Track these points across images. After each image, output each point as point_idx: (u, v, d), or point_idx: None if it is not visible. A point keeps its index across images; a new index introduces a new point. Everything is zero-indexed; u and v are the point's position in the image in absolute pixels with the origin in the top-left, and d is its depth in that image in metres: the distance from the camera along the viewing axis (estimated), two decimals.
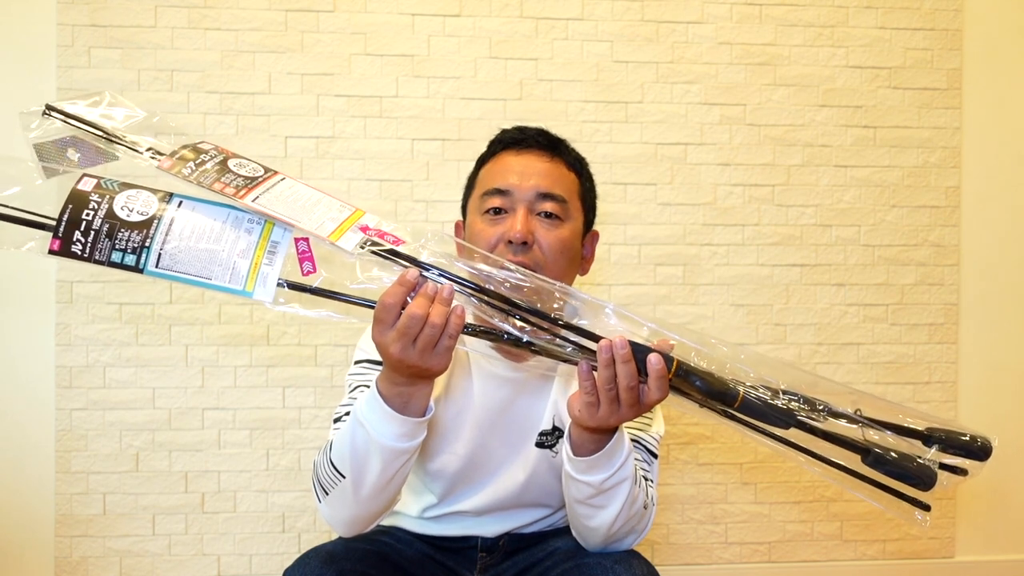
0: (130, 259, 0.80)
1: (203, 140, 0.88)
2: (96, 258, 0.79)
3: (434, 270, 0.84)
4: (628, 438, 0.97)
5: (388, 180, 1.98)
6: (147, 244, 0.80)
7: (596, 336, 0.86)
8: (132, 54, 1.92)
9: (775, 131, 2.06)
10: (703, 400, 0.86)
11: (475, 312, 0.87)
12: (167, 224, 0.81)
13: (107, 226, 0.79)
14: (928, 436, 0.90)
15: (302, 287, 0.83)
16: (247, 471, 1.95)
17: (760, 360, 0.88)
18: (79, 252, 0.79)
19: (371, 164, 1.97)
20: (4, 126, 1.49)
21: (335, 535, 1.07)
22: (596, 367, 0.86)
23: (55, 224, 0.79)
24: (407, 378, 0.87)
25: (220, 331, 1.94)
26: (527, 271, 0.88)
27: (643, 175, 2.03)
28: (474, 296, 0.86)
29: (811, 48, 2.06)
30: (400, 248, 0.84)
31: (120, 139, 0.85)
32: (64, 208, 0.79)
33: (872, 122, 2.08)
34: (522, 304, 0.86)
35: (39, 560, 1.92)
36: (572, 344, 0.87)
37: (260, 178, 0.85)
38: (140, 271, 0.80)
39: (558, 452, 1.10)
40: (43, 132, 0.84)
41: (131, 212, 0.80)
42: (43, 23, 1.90)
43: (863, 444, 0.87)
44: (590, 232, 1.18)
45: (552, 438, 1.12)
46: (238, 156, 0.87)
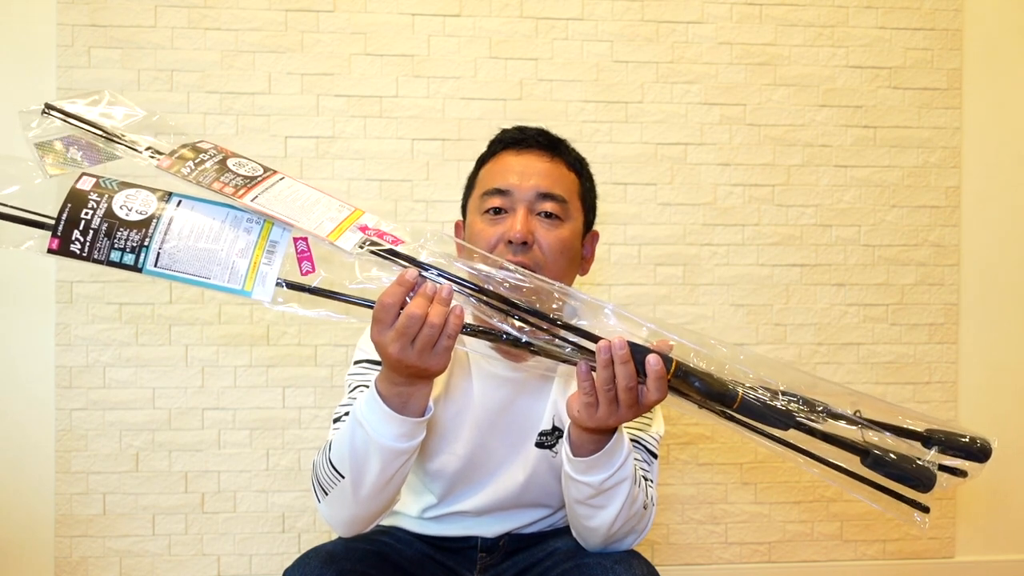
0: (129, 258, 0.80)
1: (202, 139, 0.88)
2: (95, 257, 0.79)
3: (433, 270, 0.84)
4: (627, 438, 0.97)
5: (388, 180, 1.98)
6: (146, 243, 0.80)
7: (595, 336, 0.86)
8: (132, 54, 1.92)
9: (775, 131, 2.06)
10: (702, 401, 0.86)
11: (474, 312, 0.87)
12: (166, 223, 0.81)
13: (106, 225, 0.79)
14: (927, 437, 0.90)
15: (301, 287, 0.83)
16: (247, 471, 1.95)
17: (759, 361, 0.88)
18: (78, 251, 0.79)
19: (371, 164, 1.97)
20: (4, 126, 1.49)
21: (335, 535, 1.07)
22: (595, 368, 0.86)
23: (54, 223, 0.79)
24: (406, 378, 0.87)
25: (220, 331, 1.94)
26: (526, 271, 0.88)
27: (643, 175, 2.03)
28: (473, 296, 0.86)
29: (811, 48, 2.06)
30: (399, 248, 0.84)
31: (119, 138, 0.85)
32: (63, 207, 0.79)
33: (872, 122, 2.08)
34: (521, 304, 0.86)
35: (39, 560, 1.92)
36: (571, 344, 0.87)
37: (259, 177, 0.85)
38: (139, 270, 0.80)
39: (558, 452, 1.10)
40: (43, 131, 0.84)
41: (130, 211, 0.80)
42: (43, 23, 1.90)
43: (862, 445, 0.87)
44: (590, 232, 1.18)
45: (552, 438, 1.12)
46: (237, 155, 0.87)
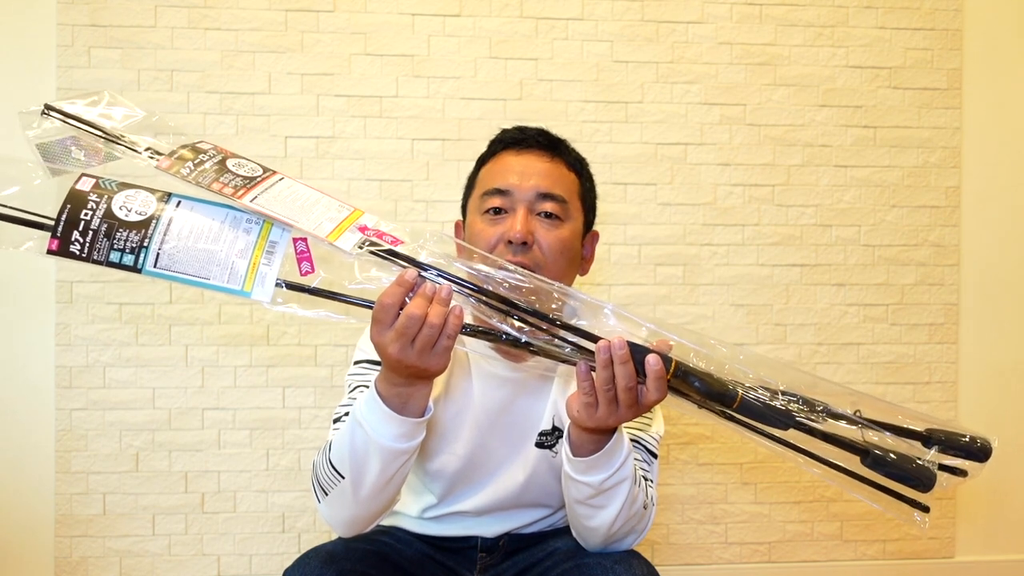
0: (128, 259, 0.80)
1: (202, 140, 0.88)
2: (94, 258, 0.79)
3: (432, 270, 0.84)
4: (627, 438, 0.97)
5: (388, 180, 1.98)
6: (145, 244, 0.80)
7: (595, 336, 0.86)
8: (132, 54, 1.92)
9: (775, 131, 2.06)
10: (702, 401, 0.86)
11: (474, 312, 0.87)
12: (165, 224, 0.81)
13: (105, 226, 0.79)
14: (927, 437, 0.90)
15: (300, 287, 0.83)
16: (247, 471, 1.95)
17: (759, 361, 0.88)
18: (77, 252, 0.79)
19: (371, 164, 1.97)
20: (4, 126, 1.49)
21: (335, 535, 1.07)
22: (594, 367, 0.86)
23: (53, 224, 0.79)
24: (406, 378, 0.87)
25: (220, 331, 1.94)
26: (526, 271, 0.88)
27: (643, 175, 2.03)
28: (473, 296, 0.86)
29: (811, 48, 2.06)
30: (399, 248, 0.84)
31: (119, 139, 0.85)
32: (62, 208, 0.79)
33: (872, 122, 2.08)
34: (521, 304, 0.86)
35: (39, 560, 1.92)
36: (571, 344, 0.87)
37: (259, 178, 0.85)
38: (138, 271, 0.80)
39: (558, 452, 1.10)
40: (43, 132, 0.84)
41: (129, 212, 0.80)
42: (43, 23, 1.90)
43: (862, 445, 0.86)
44: (590, 232, 1.18)
45: (552, 438, 1.11)
46: (237, 156, 0.87)
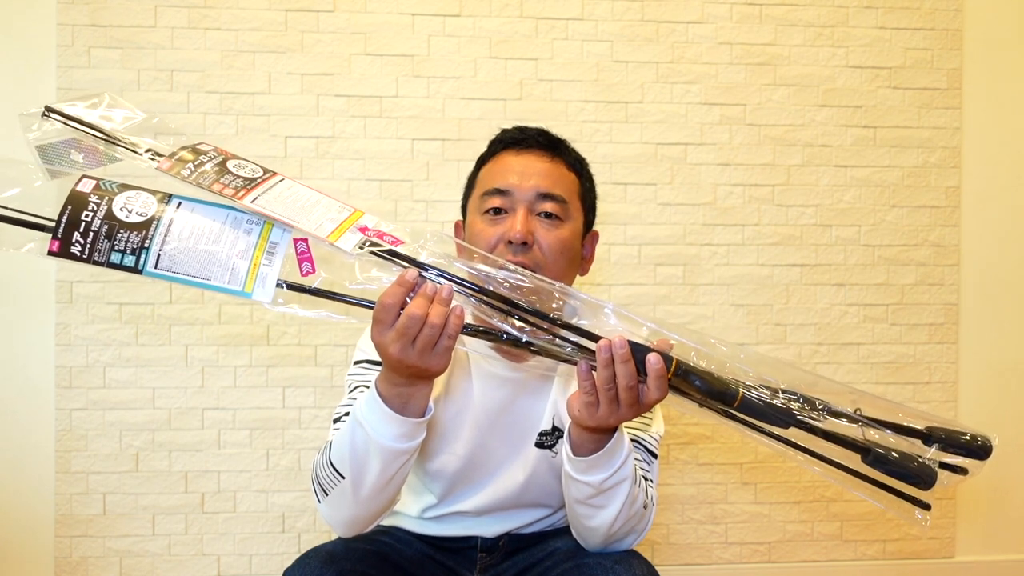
0: (129, 260, 0.80)
1: (202, 141, 0.88)
2: (95, 259, 0.79)
3: (433, 270, 0.84)
4: (628, 438, 0.97)
5: (388, 180, 1.98)
6: (146, 245, 0.80)
7: (595, 336, 0.86)
8: (132, 54, 1.92)
9: (775, 131, 2.06)
10: (702, 400, 0.86)
11: (474, 312, 0.87)
12: (166, 225, 0.81)
13: (106, 227, 0.79)
14: (928, 435, 0.90)
15: (301, 288, 0.83)
16: (247, 471, 1.95)
17: (760, 360, 0.88)
18: (78, 253, 0.79)
19: (371, 164, 1.97)
20: (4, 127, 1.49)
21: (335, 535, 1.07)
22: (595, 367, 0.86)
23: (54, 225, 0.79)
24: (406, 378, 0.87)
25: (220, 331, 1.94)
26: (526, 271, 0.88)
27: (643, 175, 2.03)
28: (473, 296, 0.86)
29: (811, 48, 2.06)
30: (399, 248, 0.84)
31: (119, 140, 0.85)
32: (63, 209, 0.79)
33: (872, 122, 2.08)
34: (521, 304, 0.86)
35: (39, 560, 1.92)
36: (571, 344, 0.87)
37: (259, 179, 0.85)
38: (139, 272, 0.80)
39: (558, 452, 1.10)
40: (43, 134, 0.84)
41: (130, 213, 0.80)
42: (43, 23, 1.90)
43: (863, 443, 0.86)
44: (590, 232, 1.18)
45: (552, 438, 1.12)
46: (237, 157, 0.87)
